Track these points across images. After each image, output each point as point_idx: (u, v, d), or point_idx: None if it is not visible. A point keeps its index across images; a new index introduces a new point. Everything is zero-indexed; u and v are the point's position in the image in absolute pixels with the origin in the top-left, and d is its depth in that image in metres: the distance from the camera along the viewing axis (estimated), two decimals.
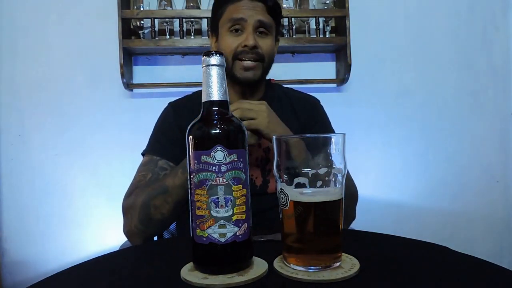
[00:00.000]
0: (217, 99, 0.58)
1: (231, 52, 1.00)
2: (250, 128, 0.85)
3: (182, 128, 1.04)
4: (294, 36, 1.73)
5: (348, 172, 0.97)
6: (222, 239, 0.55)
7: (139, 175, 1.01)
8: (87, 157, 1.74)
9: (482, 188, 1.92)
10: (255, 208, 0.63)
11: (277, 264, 0.59)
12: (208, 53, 0.58)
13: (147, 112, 1.21)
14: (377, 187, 1.85)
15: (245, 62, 1.00)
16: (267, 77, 1.13)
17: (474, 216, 1.92)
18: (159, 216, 0.91)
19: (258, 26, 1.01)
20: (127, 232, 0.95)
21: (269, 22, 1.02)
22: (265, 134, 0.87)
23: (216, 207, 0.55)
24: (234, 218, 0.55)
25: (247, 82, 1.03)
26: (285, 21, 1.73)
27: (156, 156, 1.03)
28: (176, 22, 1.68)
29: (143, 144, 1.09)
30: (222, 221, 0.55)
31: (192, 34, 1.69)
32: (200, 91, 0.60)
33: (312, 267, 0.56)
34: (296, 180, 0.56)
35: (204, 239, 0.55)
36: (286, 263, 0.58)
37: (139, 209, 0.91)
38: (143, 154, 1.08)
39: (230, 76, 1.02)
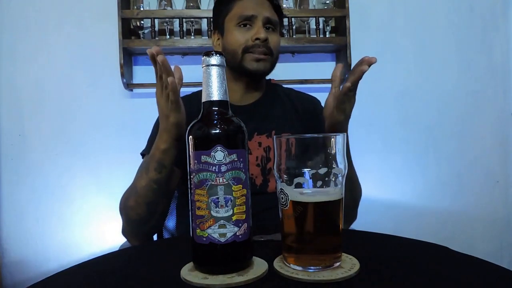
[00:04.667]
0: (217, 99, 0.58)
1: (241, 46, 1.02)
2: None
3: None
4: (294, 36, 1.74)
5: (355, 173, 0.98)
6: (222, 239, 0.55)
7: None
8: (87, 157, 1.74)
9: (482, 188, 1.92)
10: (255, 208, 0.63)
11: (277, 264, 0.59)
12: (208, 53, 0.58)
13: (147, 112, 1.21)
14: (377, 187, 1.85)
15: (256, 54, 1.02)
16: (267, 77, 1.13)
17: (474, 216, 1.91)
18: (136, 217, 0.91)
19: (266, 22, 1.04)
20: (122, 232, 0.97)
21: (276, 19, 1.07)
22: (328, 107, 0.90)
23: (216, 207, 0.55)
24: (234, 218, 0.55)
25: (257, 73, 1.04)
26: (285, 21, 1.73)
27: None
28: (176, 22, 1.68)
29: (143, 143, 1.09)
30: (222, 221, 0.55)
31: (192, 34, 1.69)
32: (198, 92, 0.60)
33: (312, 267, 0.56)
34: (296, 180, 0.56)
35: (204, 239, 0.55)
36: (286, 263, 0.58)
37: (123, 210, 0.93)
38: (142, 154, 1.08)
39: (238, 69, 1.04)
